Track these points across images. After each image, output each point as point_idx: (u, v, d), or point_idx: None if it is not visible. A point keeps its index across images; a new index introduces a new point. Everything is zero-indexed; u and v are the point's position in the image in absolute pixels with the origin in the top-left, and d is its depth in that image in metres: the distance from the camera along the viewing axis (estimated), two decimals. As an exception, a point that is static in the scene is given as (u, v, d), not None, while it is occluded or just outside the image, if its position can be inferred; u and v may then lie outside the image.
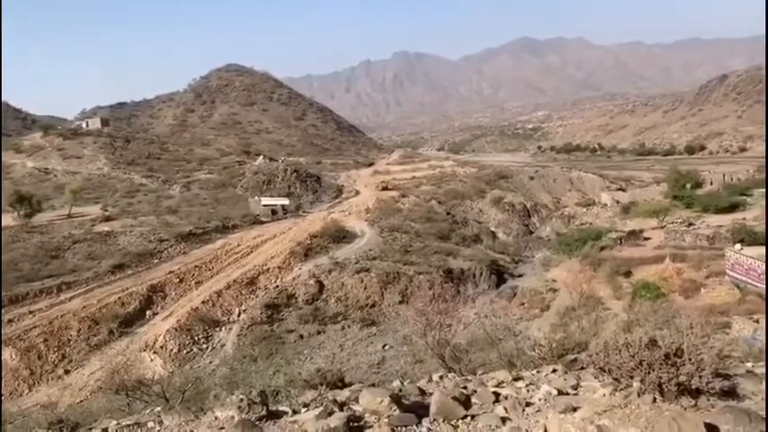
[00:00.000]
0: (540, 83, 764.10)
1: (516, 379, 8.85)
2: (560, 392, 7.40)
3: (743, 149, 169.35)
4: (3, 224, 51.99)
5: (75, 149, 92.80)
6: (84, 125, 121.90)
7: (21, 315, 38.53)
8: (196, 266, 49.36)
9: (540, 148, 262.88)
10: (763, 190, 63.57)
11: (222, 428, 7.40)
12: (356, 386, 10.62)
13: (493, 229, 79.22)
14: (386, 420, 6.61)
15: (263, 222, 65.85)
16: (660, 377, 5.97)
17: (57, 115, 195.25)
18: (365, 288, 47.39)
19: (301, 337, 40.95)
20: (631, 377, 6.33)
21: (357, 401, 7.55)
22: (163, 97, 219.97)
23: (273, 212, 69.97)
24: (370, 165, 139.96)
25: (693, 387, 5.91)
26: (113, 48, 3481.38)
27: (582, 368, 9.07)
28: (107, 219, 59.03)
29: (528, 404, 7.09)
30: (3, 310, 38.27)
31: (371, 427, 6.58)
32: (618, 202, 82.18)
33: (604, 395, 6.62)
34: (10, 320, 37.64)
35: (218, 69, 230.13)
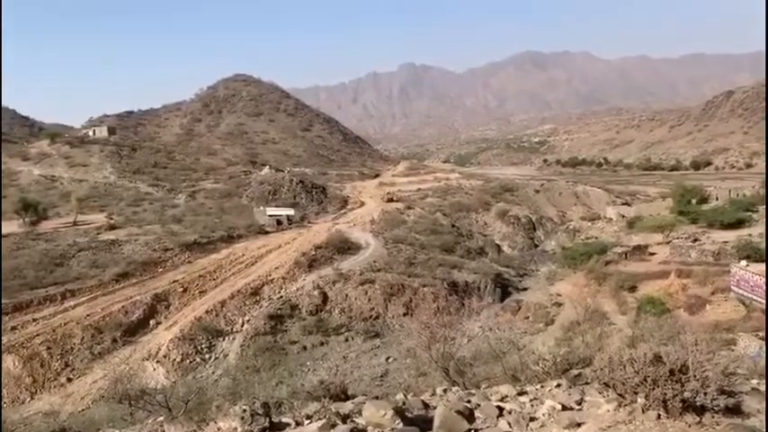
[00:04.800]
0: (545, 96, 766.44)
1: (520, 393, 8.83)
2: (564, 407, 7.38)
3: (749, 165, 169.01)
4: (8, 231, 52.31)
5: (82, 157, 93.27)
6: (91, 133, 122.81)
7: (24, 322, 38.57)
8: (200, 276, 49.38)
9: (545, 161, 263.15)
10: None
11: (225, 439, 7.38)
12: (359, 398, 10.60)
13: (498, 241, 79.10)
14: (389, 433, 6.61)
15: (268, 232, 65.89)
16: (665, 393, 5.95)
17: (64, 123, 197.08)
18: (369, 300, 47.31)
19: (305, 348, 40.86)
20: (636, 393, 6.31)
21: (360, 414, 7.54)
22: (170, 107, 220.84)
23: (279, 223, 70.05)
24: (376, 176, 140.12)
25: (698, 404, 5.89)
26: (122, 57, 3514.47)
27: (586, 383, 9.04)
28: (112, 227, 59.19)
29: (532, 419, 7.07)
30: (6, 318, 38.40)
31: (374, 439, 6.57)
32: (623, 216, 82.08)
33: (608, 411, 6.60)
34: (13, 328, 37.70)
35: (225, 79, 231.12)
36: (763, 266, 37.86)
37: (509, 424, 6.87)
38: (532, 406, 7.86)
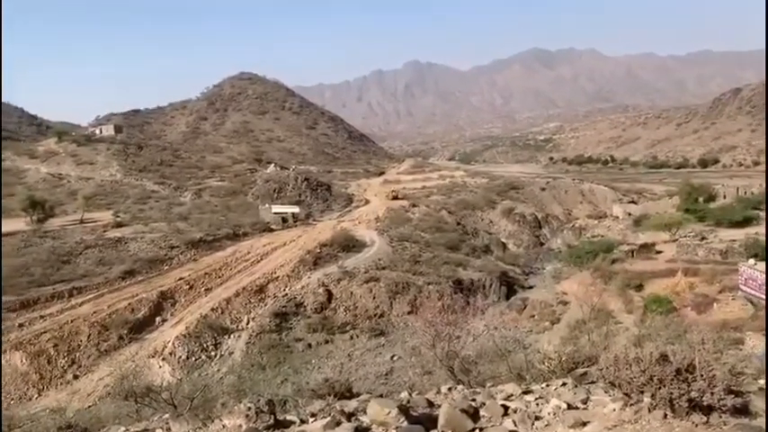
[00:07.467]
0: (551, 94, 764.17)
1: (525, 392, 8.79)
2: (570, 407, 7.34)
3: (756, 163, 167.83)
4: (16, 229, 52.58)
5: (89, 156, 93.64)
6: (97, 132, 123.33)
7: (32, 320, 38.85)
8: (206, 273, 49.54)
9: (551, 159, 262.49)
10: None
11: (230, 437, 7.39)
12: (364, 397, 10.60)
13: (503, 239, 78.98)
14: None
15: (273, 230, 66.04)
16: (671, 393, 5.91)
17: (71, 121, 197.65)
18: (374, 298, 47.33)
19: (309, 346, 40.93)
20: (642, 392, 6.27)
21: (365, 412, 7.53)
22: (176, 105, 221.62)
23: (284, 220, 70.17)
24: (381, 174, 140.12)
25: (705, 404, 5.84)
26: (129, 55, 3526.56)
27: (592, 382, 9.00)
28: (119, 225, 59.44)
29: (537, 418, 7.04)
30: (14, 315, 38.66)
31: (379, 438, 6.56)
32: (630, 214, 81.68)
33: (614, 410, 6.56)
34: (21, 325, 37.96)
35: (230, 77, 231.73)
36: (770, 265, 37.62)
37: (514, 423, 6.83)
38: (538, 405, 7.82)
